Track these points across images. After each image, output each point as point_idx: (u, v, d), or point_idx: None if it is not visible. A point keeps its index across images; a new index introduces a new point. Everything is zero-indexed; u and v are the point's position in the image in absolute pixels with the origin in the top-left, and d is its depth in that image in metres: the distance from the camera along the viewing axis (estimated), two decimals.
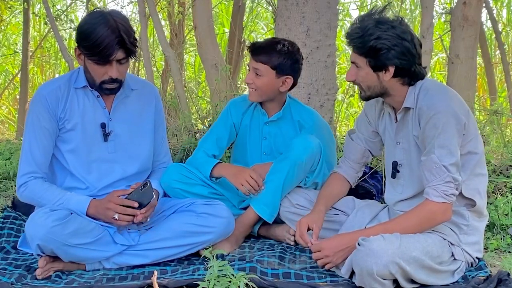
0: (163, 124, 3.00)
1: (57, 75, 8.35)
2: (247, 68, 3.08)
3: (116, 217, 2.61)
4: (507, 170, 3.67)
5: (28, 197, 2.74)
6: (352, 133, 2.86)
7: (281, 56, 2.97)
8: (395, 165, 2.65)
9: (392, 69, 2.48)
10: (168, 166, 3.03)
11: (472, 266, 2.58)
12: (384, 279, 2.34)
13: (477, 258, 2.60)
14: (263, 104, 3.14)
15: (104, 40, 2.55)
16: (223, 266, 2.33)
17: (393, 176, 2.67)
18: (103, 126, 2.79)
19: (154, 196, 2.69)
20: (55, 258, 2.60)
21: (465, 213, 2.55)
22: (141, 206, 2.62)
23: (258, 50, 3.00)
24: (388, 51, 2.44)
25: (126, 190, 2.69)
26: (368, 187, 3.39)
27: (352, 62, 2.55)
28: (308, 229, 2.66)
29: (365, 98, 2.62)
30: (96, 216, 2.67)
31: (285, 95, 3.13)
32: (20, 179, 2.74)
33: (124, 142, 2.82)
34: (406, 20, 2.52)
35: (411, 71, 2.50)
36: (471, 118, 2.51)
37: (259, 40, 4.46)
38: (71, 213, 2.57)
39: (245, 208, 3.06)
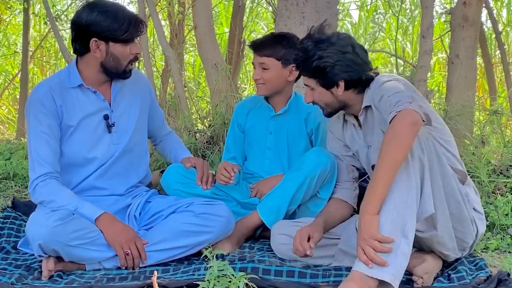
0: (157, 105, 3.14)
1: None
2: (253, 66, 3.11)
3: (128, 252, 2.61)
4: (507, 170, 3.67)
5: (45, 193, 2.64)
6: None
7: (284, 47, 3.02)
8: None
9: (342, 84, 2.54)
10: (168, 167, 3.06)
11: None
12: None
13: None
14: (269, 99, 3.16)
15: (131, 17, 2.70)
16: (223, 266, 2.33)
17: None
18: (106, 117, 2.81)
19: None
20: (55, 259, 2.59)
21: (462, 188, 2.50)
22: None
23: (261, 45, 3.04)
24: (333, 67, 2.51)
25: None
26: (367, 187, 3.37)
27: (306, 85, 2.61)
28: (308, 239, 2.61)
29: (328, 115, 2.68)
30: (106, 230, 2.62)
31: (291, 87, 3.15)
32: (37, 180, 2.66)
33: (125, 132, 2.86)
34: (344, 32, 2.57)
35: (361, 79, 2.55)
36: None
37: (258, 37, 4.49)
38: (73, 213, 2.57)
39: (245, 204, 3.07)
